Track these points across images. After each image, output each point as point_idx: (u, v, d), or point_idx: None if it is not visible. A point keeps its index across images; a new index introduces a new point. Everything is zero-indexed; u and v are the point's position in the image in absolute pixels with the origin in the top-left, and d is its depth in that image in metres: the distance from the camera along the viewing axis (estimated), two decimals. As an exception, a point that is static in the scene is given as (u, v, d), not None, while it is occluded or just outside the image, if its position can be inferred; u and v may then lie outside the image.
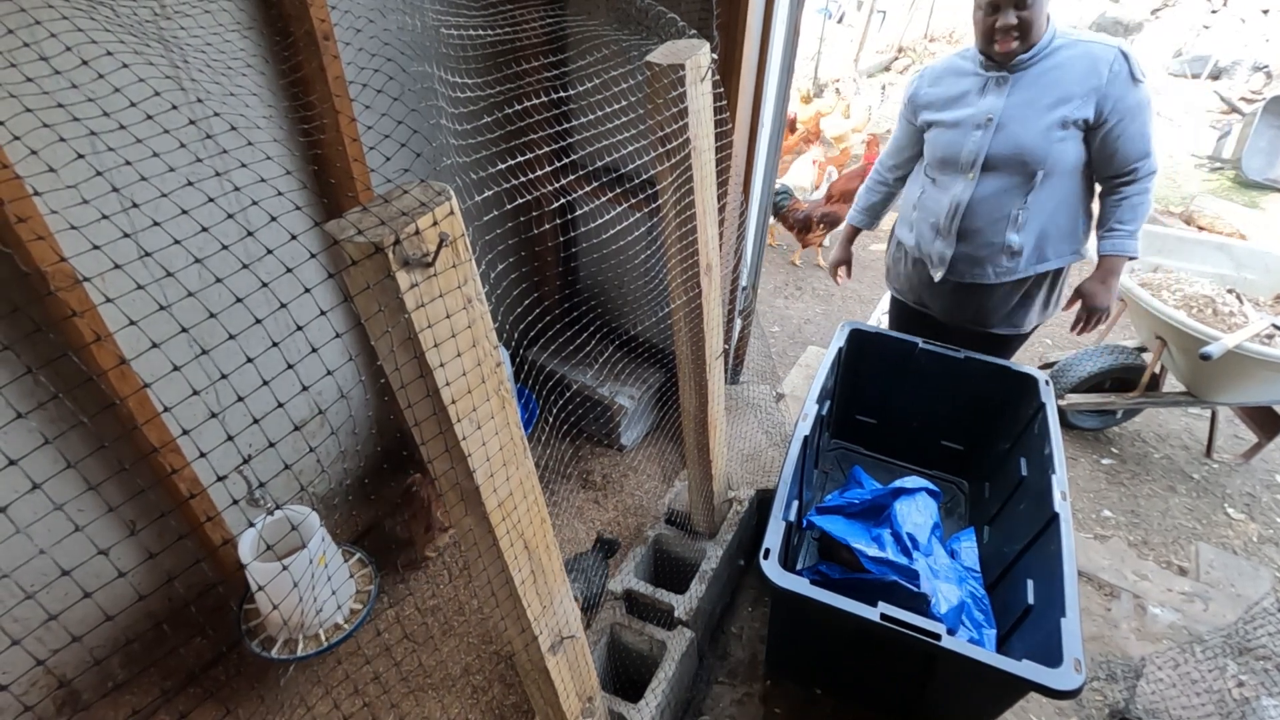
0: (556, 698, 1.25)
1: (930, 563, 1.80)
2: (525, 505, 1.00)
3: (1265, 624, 1.95)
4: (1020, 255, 1.95)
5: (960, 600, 1.71)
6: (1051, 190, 1.88)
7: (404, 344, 0.74)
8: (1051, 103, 1.80)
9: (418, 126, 2.04)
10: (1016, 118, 1.83)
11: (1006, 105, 1.84)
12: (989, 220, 1.93)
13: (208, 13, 1.56)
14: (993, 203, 1.91)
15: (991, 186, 1.90)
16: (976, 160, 1.90)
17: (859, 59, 7.76)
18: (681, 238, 1.42)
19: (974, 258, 1.99)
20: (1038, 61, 1.81)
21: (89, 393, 1.57)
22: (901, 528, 1.82)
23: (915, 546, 1.79)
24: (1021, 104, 1.83)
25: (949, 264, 2.04)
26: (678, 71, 1.18)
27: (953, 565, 1.87)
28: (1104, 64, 1.74)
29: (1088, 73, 1.76)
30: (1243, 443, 3.01)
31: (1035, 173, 1.84)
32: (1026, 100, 1.83)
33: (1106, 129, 1.79)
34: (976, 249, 1.98)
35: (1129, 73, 1.74)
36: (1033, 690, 1.33)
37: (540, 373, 2.71)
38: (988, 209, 1.92)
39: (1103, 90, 1.75)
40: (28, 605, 1.60)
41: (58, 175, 1.30)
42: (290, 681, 1.93)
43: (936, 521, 1.92)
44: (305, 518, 1.87)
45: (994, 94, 1.87)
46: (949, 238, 2.00)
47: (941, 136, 1.97)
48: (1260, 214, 5.33)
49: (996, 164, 1.88)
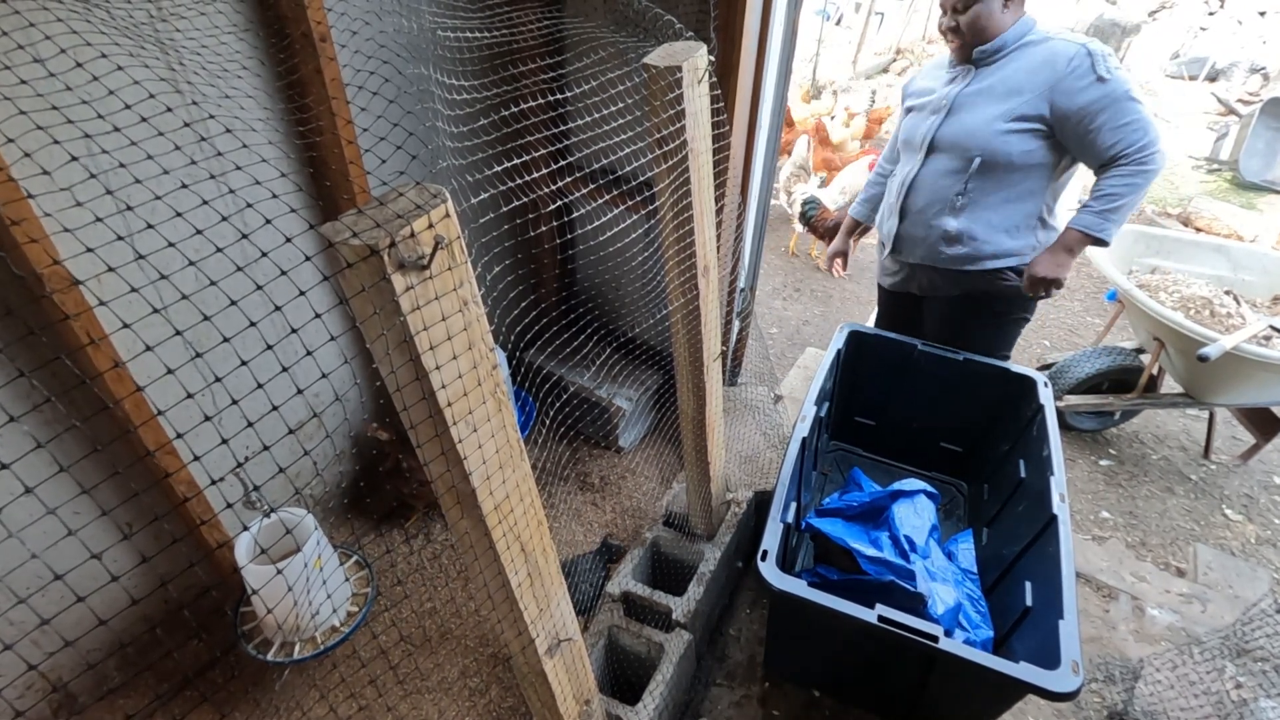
0: (554, 700, 1.25)
1: (927, 564, 1.80)
2: (522, 508, 1.00)
3: (1263, 625, 1.95)
4: (959, 243, 1.98)
5: (957, 602, 1.71)
6: (997, 182, 1.90)
7: (400, 347, 0.74)
8: (1004, 94, 1.84)
9: (414, 129, 2.03)
10: (967, 105, 1.90)
11: (962, 93, 1.91)
12: (928, 200, 2.01)
13: (204, 14, 1.56)
14: (933, 183, 1.99)
15: (935, 167, 1.98)
16: (925, 140, 1.97)
17: (857, 60, 7.77)
18: (679, 239, 1.42)
19: (914, 237, 2.07)
20: (1002, 57, 1.86)
21: (84, 395, 1.57)
22: (899, 530, 1.82)
23: (913, 549, 1.79)
24: (975, 93, 1.89)
25: (894, 242, 2.13)
26: (675, 73, 1.18)
27: (950, 567, 1.87)
28: (1062, 59, 1.75)
29: (1042, 67, 1.78)
30: (1240, 444, 3.02)
31: (973, 159, 1.88)
32: (981, 90, 1.88)
33: (1074, 126, 1.78)
34: (916, 227, 2.05)
35: (1089, 68, 1.73)
36: (1030, 692, 1.33)
37: (538, 375, 2.71)
38: (928, 189, 2.00)
39: (1056, 86, 1.76)
40: (22, 609, 1.60)
41: (52, 178, 1.29)
42: (286, 685, 1.92)
43: (934, 524, 1.92)
44: (301, 520, 1.86)
45: (957, 84, 1.94)
46: (894, 216, 2.10)
47: (908, 120, 2.08)
48: (1258, 215, 5.34)
49: (942, 146, 1.96)
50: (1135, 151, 1.76)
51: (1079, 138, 1.79)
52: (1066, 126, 1.79)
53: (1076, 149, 1.84)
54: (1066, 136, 1.81)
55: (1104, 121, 1.74)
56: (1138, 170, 1.77)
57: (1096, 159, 1.82)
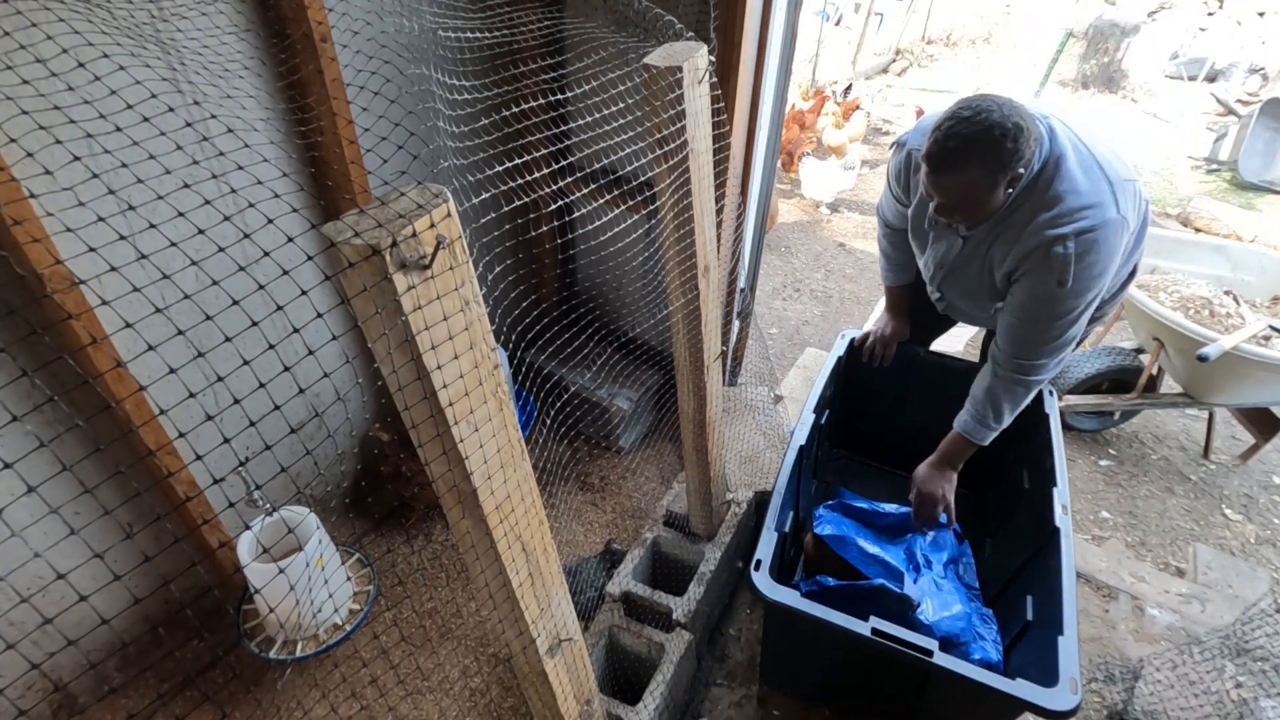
0: (554, 700, 1.25)
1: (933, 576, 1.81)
2: (523, 507, 1.00)
3: (1263, 625, 1.95)
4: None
5: (966, 615, 1.71)
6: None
7: (401, 346, 0.74)
8: (995, 263, 1.61)
9: (415, 129, 2.04)
10: (961, 267, 1.71)
11: (955, 256, 1.71)
12: (964, 295, 1.83)
13: (205, 15, 1.56)
14: (963, 287, 1.80)
15: (957, 287, 1.82)
16: (934, 278, 1.84)
17: (856, 61, 7.77)
18: (679, 239, 1.42)
19: (963, 310, 1.94)
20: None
21: (86, 395, 1.57)
22: (918, 548, 1.83)
23: (927, 565, 1.80)
24: (968, 256, 1.67)
25: (941, 305, 1.99)
26: (675, 74, 1.18)
27: (956, 587, 1.86)
28: (1041, 246, 1.47)
29: (1020, 244, 1.51)
30: (1240, 444, 3.02)
31: (991, 306, 1.73)
32: (971, 254, 1.67)
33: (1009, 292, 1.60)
34: (963, 303, 1.90)
35: (1061, 267, 1.44)
36: (1027, 710, 1.32)
37: (538, 375, 2.71)
38: (959, 288, 1.82)
39: (1020, 263, 1.53)
40: (23, 609, 1.60)
41: (54, 178, 1.30)
42: (287, 685, 1.92)
43: (953, 556, 1.93)
44: (303, 519, 1.87)
45: (945, 244, 1.72)
46: (936, 293, 1.93)
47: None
48: (1257, 215, 5.34)
49: (953, 291, 1.83)
50: (1007, 356, 1.64)
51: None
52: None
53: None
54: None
55: (1014, 320, 1.58)
56: (1002, 373, 1.67)
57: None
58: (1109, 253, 1.45)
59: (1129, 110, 7.65)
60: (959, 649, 1.65)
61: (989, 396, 1.70)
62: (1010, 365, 1.64)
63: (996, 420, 1.71)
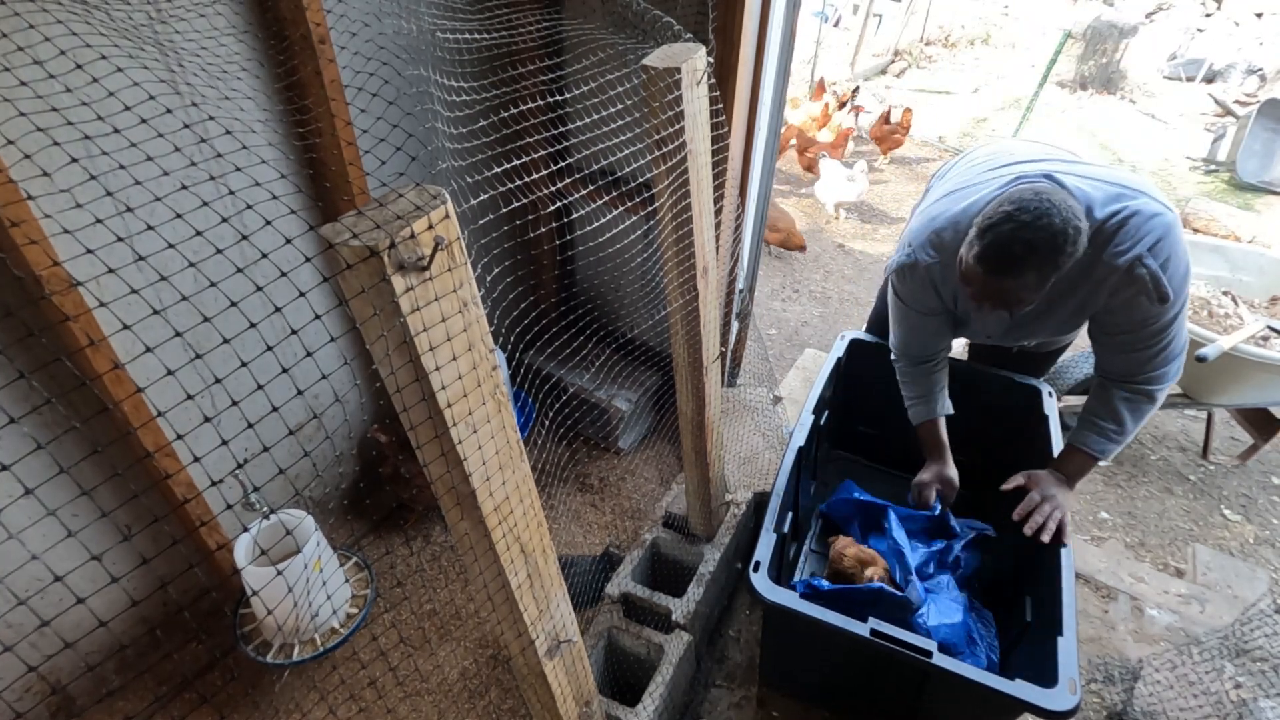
0: (554, 702, 1.25)
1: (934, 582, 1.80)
2: (522, 509, 1.00)
3: (1262, 625, 1.95)
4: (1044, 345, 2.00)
5: (964, 618, 1.71)
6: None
7: (400, 348, 0.74)
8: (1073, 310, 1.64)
9: (414, 130, 2.04)
10: (1023, 326, 1.77)
11: (1014, 321, 1.74)
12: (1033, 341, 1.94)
13: (203, 16, 1.56)
14: (1026, 343, 1.94)
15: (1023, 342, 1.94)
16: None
17: (855, 62, 7.78)
18: (678, 240, 1.42)
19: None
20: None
21: (83, 397, 1.56)
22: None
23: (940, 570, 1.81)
24: (1028, 317, 1.72)
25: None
26: (674, 75, 1.18)
27: (958, 598, 1.86)
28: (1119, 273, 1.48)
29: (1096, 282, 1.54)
30: (1239, 444, 3.02)
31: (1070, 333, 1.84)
32: (1029, 315, 1.72)
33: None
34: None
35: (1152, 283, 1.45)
36: (1026, 710, 1.32)
37: (537, 376, 2.71)
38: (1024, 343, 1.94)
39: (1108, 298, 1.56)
40: (21, 611, 1.59)
41: (52, 179, 1.29)
42: (285, 687, 1.92)
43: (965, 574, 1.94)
44: (301, 522, 1.86)
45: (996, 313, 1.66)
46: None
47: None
48: (1255, 216, 5.35)
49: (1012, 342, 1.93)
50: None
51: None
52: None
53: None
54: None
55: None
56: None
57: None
58: (1182, 248, 1.48)
59: (1127, 111, 7.66)
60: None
61: (1114, 416, 1.67)
62: (1131, 388, 1.65)
63: (1125, 437, 1.70)
